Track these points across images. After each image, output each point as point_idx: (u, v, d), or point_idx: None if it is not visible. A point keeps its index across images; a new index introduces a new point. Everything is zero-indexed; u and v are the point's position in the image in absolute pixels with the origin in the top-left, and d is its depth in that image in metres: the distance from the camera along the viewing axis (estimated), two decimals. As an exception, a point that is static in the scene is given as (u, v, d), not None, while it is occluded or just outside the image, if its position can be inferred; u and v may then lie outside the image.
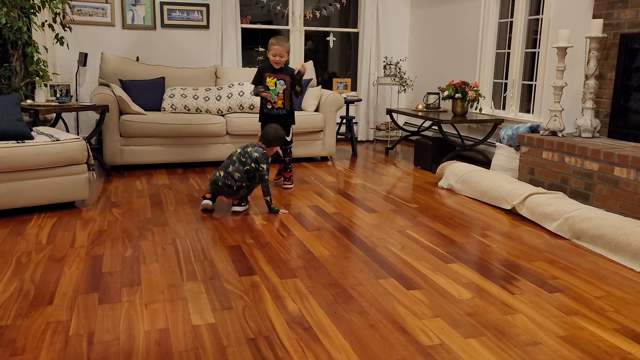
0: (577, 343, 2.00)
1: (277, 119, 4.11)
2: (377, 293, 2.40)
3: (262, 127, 4.14)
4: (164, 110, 5.11)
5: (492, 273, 2.66)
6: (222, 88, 5.33)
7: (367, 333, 2.04)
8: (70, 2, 5.00)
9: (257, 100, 5.22)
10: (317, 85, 5.93)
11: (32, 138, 3.50)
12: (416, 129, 6.23)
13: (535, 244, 3.11)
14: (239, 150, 3.57)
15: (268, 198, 3.58)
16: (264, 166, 3.53)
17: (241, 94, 5.25)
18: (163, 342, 1.95)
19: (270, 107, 4.15)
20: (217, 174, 3.56)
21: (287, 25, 6.49)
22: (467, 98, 5.08)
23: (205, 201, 3.61)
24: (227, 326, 2.07)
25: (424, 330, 2.07)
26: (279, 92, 4.11)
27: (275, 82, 4.10)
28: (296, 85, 4.13)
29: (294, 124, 4.30)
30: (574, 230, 3.16)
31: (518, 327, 2.11)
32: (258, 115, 4.35)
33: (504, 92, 5.43)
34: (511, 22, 5.24)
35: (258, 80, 4.13)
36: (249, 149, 3.54)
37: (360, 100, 6.30)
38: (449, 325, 2.11)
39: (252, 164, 3.51)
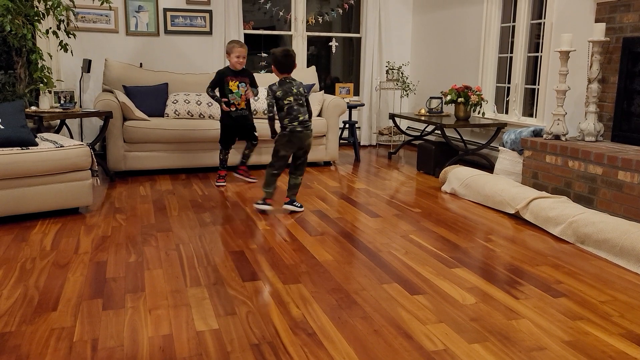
0: (582, 348, 1.99)
1: (240, 119, 4.43)
2: (380, 298, 2.39)
3: (222, 129, 4.49)
4: (167, 116, 5.13)
5: (496, 278, 2.65)
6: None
7: (371, 338, 2.04)
8: (74, 9, 5.03)
9: (259, 106, 5.24)
10: (320, 90, 5.94)
11: (36, 144, 3.52)
12: (419, 134, 6.23)
13: (540, 249, 3.10)
14: (292, 98, 3.55)
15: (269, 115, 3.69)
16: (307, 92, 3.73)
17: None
18: (167, 348, 1.95)
19: (234, 109, 4.39)
20: (295, 128, 3.55)
21: (290, 30, 6.51)
22: (470, 102, 5.08)
23: (266, 207, 3.72)
24: (230, 332, 2.07)
25: (428, 336, 2.06)
26: (242, 94, 4.39)
27: (238, 85, 4.37)
28: (253, 87, 4.43)
29: (251, 121, 4.57)
30: (578, 234, 3.15)
31: (523, 332, 2.11)
32: (219, 116, 4.62)
33: (507, 96, 5.42)
34: (513, 27, 5.24)
35: (216, 84, 4.36)
36: (294, 89, 3.56)
37: (362, 105, 6.30)
38: (453, 331, 2.10)
39: (304, 98, 3.62)
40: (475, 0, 5.66)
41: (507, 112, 5.41)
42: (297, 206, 3.75)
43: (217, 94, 4.38)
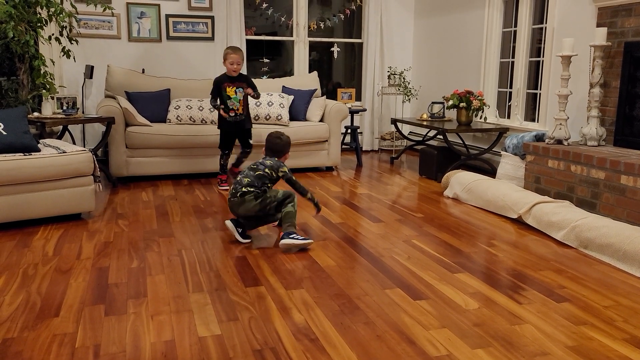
0: (586, 353, 1.98)
1: (238, 124, 4.48)
2: (383, 303, 2.39)
3: (221, 133, 4.53)
4: (170, 122, 5.14)
5: (499, 283, 2.64)
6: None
7: (374, 344, 2.03)
8: (76, 15, 5.05)
9: (262, 112, 5.25)
10: (322, 95, 5.95)
11: (38, 150, 3.53)
12: (421, 139, 6.23)
13: (542, 253, 3.09)
14: (251, 165, 3.28)
15: (309, 195, 3.26)
16: (285, 169, 3.22)
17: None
18: (169, 353, 1.94)
19: (233, 114, 4.44)
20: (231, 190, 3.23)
21: (292, 36, 6.53)
22: (472, 107, 5.08)
23: (228, 222, 3.25)
24: (233, 337, 2.06)
25: (431, 341, 2.05)
26: (240, 99, 4.43)
27: (235, 90, 4.41)
28: (253, 90, 4.43)
29: (252, 127, 4.62)
30: (581, 239, 3.14)
31: (526, 337, 2.10)
32: (217, 122, 4.61)
33: (509, 101, 5.42)
34: (515, 31, 5.25)
35: (216, 92, 4.41)
36: (260, 160, 3.27)
37: (364, 110, 6.31)
38: (456, 336, 2.10)
39: (266, 170, 3.19)
40: (477, 5, 5.67)
41: (509, 117, 5.41)
42: (294, 238, 3.09)
43: (218, 102, 4.43)
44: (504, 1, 5.40)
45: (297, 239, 3.06)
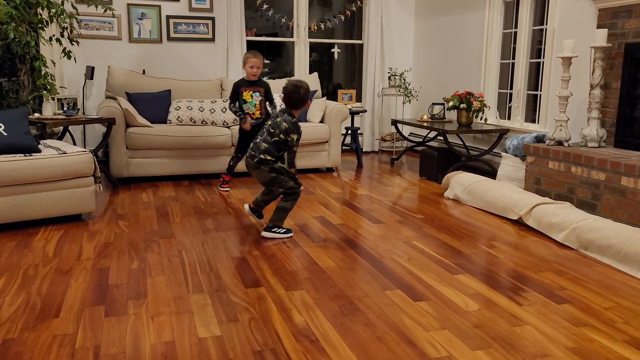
0: (586, 355, 1.98)
1: (254, 128, 4.40)
2: (383, 305, 2.38)
3: (240, 137, 4.52)
4: (170, 123, 5.14)
5: (500, 284, 2.64)
6: (227, 100, 5.35)
7: (374, 345, 2.03)
8: (77, 16, 5.06)
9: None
10: (322, 96, 5.95)
11: (39, 151, 3.53)
12: (421, 140, 6.23)
13: (543, 255, 3.09)
14: (269, 122, 3.29)
15: (293, 170, 3.28)
16: (294, 137, 3.19)
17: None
18: (169, 354, 1.94)
19: (249, 118, 4.44)
20: (249, 152, 3.30)
21: (292, 37, 6.53)
22: (472, 108, 5.08)
23: (246, 206, 3.52)
24: (233, 339, 2.06)
25: (431, 342, 2.05)
26: (256, 104, 4.44)
27: (252, 95, 4.43)
28: (269, 95, 4.49)
29: None
30: (582, 240, 3.14)
31: (526, 338, 2.10)
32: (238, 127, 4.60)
33: (509, 102, 5.42)
34: (515, 33, 5.25)
35: (235, 97, 4.43)
36: (277, 119, 3.22)
37: (365, 111, 6.31)
38: (456, 337, 2.09)
39: (281, 135, 3.18)
40: (477, 7, 5.67)
41: (509, 118, 5.41)
42: (275, 232, 3.30)
43: (237, 105, 4.44)
44: (504, 2, 5.40)
45: (278, 232, 3.31)
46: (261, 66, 4.41)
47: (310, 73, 6.53)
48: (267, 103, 4.51)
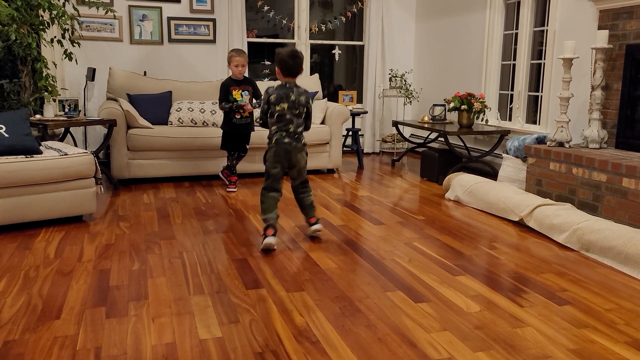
0: (587, 356, 1.98)
1: (243, 127, 4.52)
2: (384, 306, 2.38)
3: (225, 136, 4.56)
4: (171, 124, 5.14)
5: (501, 285, 2.64)
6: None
7: (375, 347, 2.03)
8: (79, 18, 5.06)
9: (257, 114, 5.26)
10: (323, 98, 5.95)
11: (40, 153, 3.53)
12: (422, 141, 6.23)
13: (544, 256, 3.08)
14: (286, 105, 3.11)
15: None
16: (311, 103, 3.25)
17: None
18: (170, 356, 1.94)
19: (239, 117, 4.49)
20: (282, 139, 3.12)
21: (293, 38, 6.53)
22: (473, 109, 5.08)
23: (269, 240, 3.07)
24: (234, 340, 2.06)
25: (432, 344, 2.05)
26: (245, 102, 4.48)
27: (241, 93, 4.47)
28: (256, 92, 4.52)
29: (254, 130, 4.65)
30: (583, 241, 3.14)
31: (527, 340, 2.09)
32: (221, 123, 4.62)
33: (510, 104, 5.42)
34: (516, 34, 5.25)
35: (225, 96, 4.45)
36: (292, 98, 3.11)
37: (366, 112, 6.31)
38: (457, 339, 2.09)
39: (306, 107, 3.19)
40: (478, 8, 5.68)
41: (510, 120, 5.40)
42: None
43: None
44: (505, 4, 5.40)
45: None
46: (246, 64, 4.46)
47: (311, 74, 6.53)
48: (255, 101, 4.54)
